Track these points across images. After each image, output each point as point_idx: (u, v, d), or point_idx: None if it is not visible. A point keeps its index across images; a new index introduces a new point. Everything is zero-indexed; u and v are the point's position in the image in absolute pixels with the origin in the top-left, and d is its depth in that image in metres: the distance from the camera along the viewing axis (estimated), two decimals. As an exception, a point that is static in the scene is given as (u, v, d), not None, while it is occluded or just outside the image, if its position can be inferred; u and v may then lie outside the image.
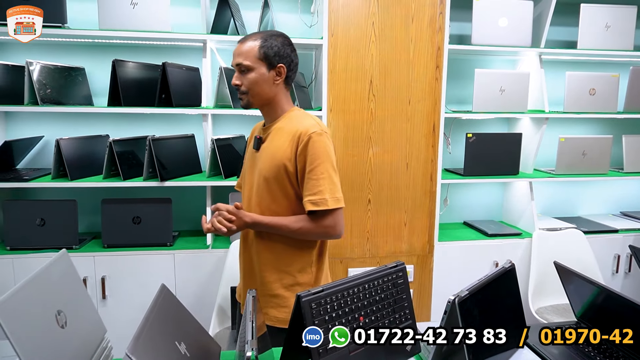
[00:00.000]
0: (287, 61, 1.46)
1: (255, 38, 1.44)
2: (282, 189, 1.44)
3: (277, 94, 1.48)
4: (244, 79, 1.44)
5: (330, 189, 1.38)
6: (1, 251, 2.26)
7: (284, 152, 1.41)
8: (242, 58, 1.43)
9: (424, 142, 2.53)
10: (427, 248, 2.61)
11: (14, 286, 0.95)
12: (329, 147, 1.42)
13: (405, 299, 1.23)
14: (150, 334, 0.99)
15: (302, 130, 1.39)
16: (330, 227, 1.41)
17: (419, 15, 2.43)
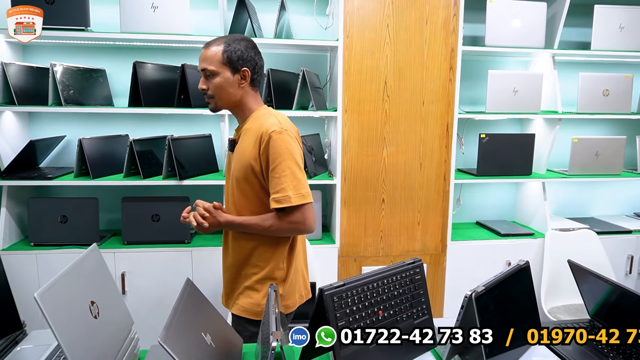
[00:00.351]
0: (252, 64, 1.49)
1: (219, 43, 1.48)
2: (252, 189, 1.48)
3: (243, 96, 1.51)
4: (209, 83, 1.48)
5: (293, 185, 1.40)
6: (26, 247, 2.33)
7: (250, 153, 1.45)
8: (207, 63, 1.47)
9: (437, 143, 2.56)
10: (440, 247, 2.64)
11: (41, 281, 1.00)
12: (290, 144, 1.43)
13: (422, 294, 1.27)
14: (179, 324, 1.04)
15: (263, 129, 1.42)
16: (299, 223, 1.44)
17: (433, 17, 2.46)
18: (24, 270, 2.26)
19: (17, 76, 2.30)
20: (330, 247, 2.50)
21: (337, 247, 2.52)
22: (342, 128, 2.46)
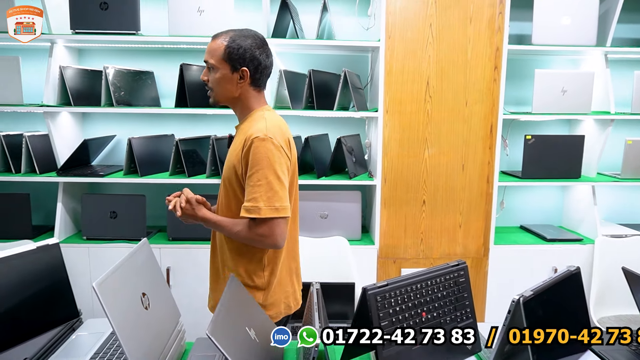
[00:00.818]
0: (254, 64, 1.41)
1: (224, 37, 1.42)
2: (234, 191, 1.43)
3: (242, 94, 1.44)
4: (210, 75, 1.45)
5: (267, 197, 1.32)
6: (79, 240, 2.45)
7: (236, 155, 1.40)
8: (209, 56, 1.43)
9: (480, 144, 2.50)
10: (482, 251, 2.58)
11: (93, 273, 1.05)
12: (272, 152, 1.33)
13: (466, 297, 1.25)
14: (226, 318, 1.07)
15: (249, 134, 1.36)
16: (265, 236, 1.34)
17: (477, 16, 2.41)
18: (77, 262, 2.38)
19: (73, 79, 2.43)
20: (369, 248, 2.49)
21: (376, 248, 2.50)
22: (382, 129, 2.45)
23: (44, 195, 2.66)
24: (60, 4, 2.42)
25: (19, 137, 2.43)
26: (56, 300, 1.26)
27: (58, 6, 2.41)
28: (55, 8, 2.39)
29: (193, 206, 1.42)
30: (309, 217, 2.48)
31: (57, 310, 1.26)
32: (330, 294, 2.22)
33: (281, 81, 2.42)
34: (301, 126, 2.76)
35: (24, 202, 2.44)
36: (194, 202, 1.42)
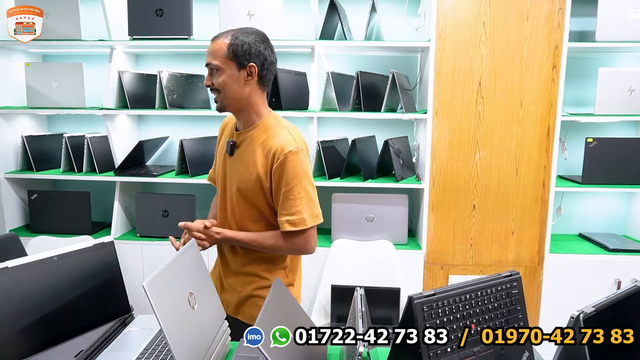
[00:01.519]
0: (260, 60, 1.36)
1: (225, 36, 1.36)
2: (256, 201, 1.40)
3: (250, 95, 1.38)
4: (214, 79, 1.36)
5: (309, 207, 1.36)
6: (133, 237, 2.56)
7: (259, 166, 1.36)
8: (212, 58, 1.36)
9: (536, 147, 2.38)
10: (536, 259, 2.45)
11: (145, 269, 1.08)
12: (306, 164, 1.36)
13: (519, 310, 1.18)
14: (270, 321, 1.07)
15: (277, 147, 1.33)
16: (301, 245, 1.38)
17: (535, 12, 2.29)
18: (131, 258, 2.49)
19: (130, 82, 2.54)
20: (416, 253, 2.44)
21: (423, 253, 2.44)
22: (432, 131, 2.38)
23: (102, 194, 2.81)
24: (119, 12, 2.54)
25: (81, 138, 2.58)
26: (110, 296, 1.31)
27: (117, 14, 2.53)
28: (115, 16, 2.51)
29: (208, 234, 1.40)
30: (355, 220, 2.46)
31: (111, 305, 1.31)
32: (375, 299, 2.19)
33: (328, 83, 2.41)
34: (348, 128, 2.75)
35: (85, 200, 2.58)
36: (205, 231, 1.40)
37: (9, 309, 1.08)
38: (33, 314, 1.12)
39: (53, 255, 1.18)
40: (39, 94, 2.52)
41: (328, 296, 2.27)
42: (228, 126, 1.54)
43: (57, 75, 2.50)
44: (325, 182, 2.43)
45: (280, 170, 1.33)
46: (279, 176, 1.34)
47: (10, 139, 2.64)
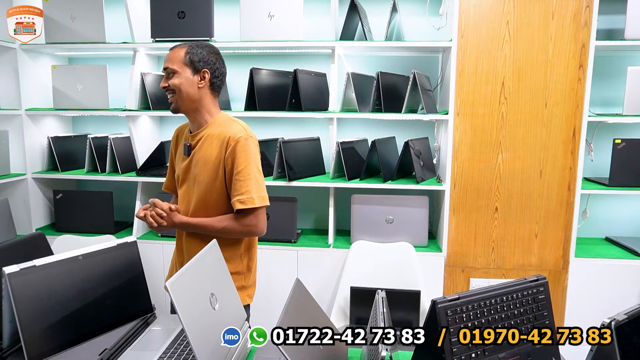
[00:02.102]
0: (212, 68, 1.55)
1: (182, 46, 1.54)
2: (218, 192, 1.53)
3: (202, 98, 1.54)
4: (170, 82, 1.53)
5: (256, 188, 1.49)
6: (154, 237, 2.59)
7: (216, 157, 1.51)
8: (169, 63, 1.52)
9: (561, 148, 2.32)
10: (561, 263, 2.40)
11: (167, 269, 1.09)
12: (255, 150, 1.53)
13: (546, 316, 1.15)
14: (290, 323, 1.06)
15: (230, 134, 1.50)
16: (252, 226, 1.52)
17: (560, 10, 2.24)
18: (152, 258, 2.52)
19: (153, 84, 2.57)
20: (437, 255, 2.40)
21: (443, 256, 2.41)
22: (453, 132, 2.35)
23: (124, 193, 2.85)
24: (142, 15, 2.58)
25: (104, 139, 2.62)
26: (133, 295, 1.33)
27: (141, 17, 2.56)
28: (138, 19, 2.55)
29: (170, 215, 1.51)
30: (375, 221, 2.44)
31: (134, 304, 1.33)
32: (395, 301, 2.16)
33: (349, 84, 2.40)
34: (368, 129, 2.73)
35: (108, 199, 2.62)
36: (169, 212, 1.51)
37: (37, 306, 1.10)
38: (59, 311, 1.14)
39: (79, 255, 1.20)
40: (65, 95, 2.57)
41: (347, 298, 2.26)
42: (181, 136, 1.68)
43: (82, 77, 2.55)
44: (344, 183, 2.42)
45: (232, 155, 1.49)
46: (232, 160, 1.49)
47: (37, 140, 2.70)
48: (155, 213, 1.50)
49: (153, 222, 1.50)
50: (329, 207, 2.52)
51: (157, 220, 1.50)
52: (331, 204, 2.51)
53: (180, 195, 1.63)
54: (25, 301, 1.08)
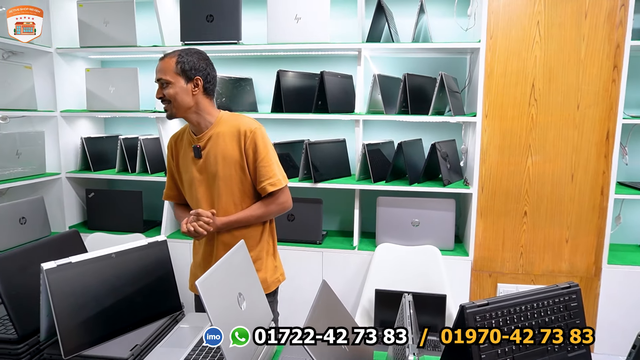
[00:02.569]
0: (204, 74, 1.58)
1: (172, 56, 1.57)
2: (242, 181, 1.61)
3: (198, 103, 1.58)
4: (164, 91, 1.56)
5: (279, 170, 1.62)
6: (182, 236, 2.64)
7: (234, 151, 1.59)
8: (162, 74, 1.55)
9: (594, 151, 2.26)
10: (592, 270, 2.33)
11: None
12: (267, 137, 1.63)
13: (578, 324, 1.12)
14: (317, 325, 1.07)
15: (244, 128, 1.58)
16: (284, 202, 1.64)
17: (594, 10, 2.18)
18: (179, 257, 2.56)
19: (182, 86, 2.62)
20: (463, 260, 2.37)
21: (470, 260, 2.37)
22: (481, 134, 2.31)
23: (153, 193, 2.91)
24: (172, 18, 2.63)
25: (135, 140, 2.69)
26: (163, 293, 1.36)
27: (170, 21, 2.62)
28: (168, 23, 2.60)
29: (214, 220, 1.57)
30: (400, 224, 2.43)
31: (164, 301, 1.36)
32: (420, 305, 2.14)
33: (375, 86, 2.40)
34: (394, 131, 2.72)
35: (137, 199, 2.69)
36: (214, 218, 1.57)
37: (72, 302, 1.14)
38: (93, 307, 1.18)
39: (112, 253, 1.23)
40: (98, 97, 2.65)
41: (372, 300, 2.25)
42: (179, 143, 1.71)
43: (114, 79, 2.63)
44: (370, 185, 2.42)
45: (253, 145, 1.58)
46: (253, 150, 1.59)
47: (72, 141, 2.79)
48: (202, 222, 1.54)
49: (203, 231, 1.53)
50: (355, 209, 2.51)
51: (206, 228, 1.54)
52: (357, 206, 2.51)
53: (200, 196, 1.65)
54: (61, 296, 1.12)
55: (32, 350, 1.19)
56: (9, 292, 1.19)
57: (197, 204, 1.66)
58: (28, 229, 2.50)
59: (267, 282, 1.69)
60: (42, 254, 1.29)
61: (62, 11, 2.69)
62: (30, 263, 1.25)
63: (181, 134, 1.72)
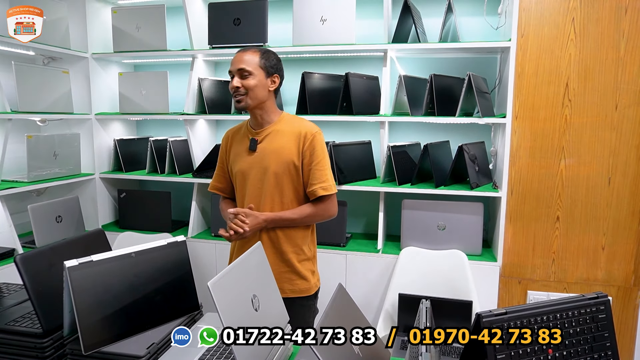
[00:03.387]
0: (281, 74, 1.68)
1: (254, 51, 1.63)
2: (290, 182, 1.64)
3: (269, 99, 1.65)
4: (244, 82, 1.60)
5: (331, 177, 1.66)
6: (208, 237, 2.69)
7: (290, 150, 1.62)
8: (245, 64, 1.60)
9: (634, 154, 2.14)
10: (631, 280, 2.20)
11: (218, 267, 1.12)
12: (324, 143, 1.67)
13: (607, 337, 1.06)
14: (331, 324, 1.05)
15: (306, 130, 1.63)
16: (330, 209, 1.67)
17: (635, 4, 2.07)
18: (205, 257, 2.61)
19: (209, 89, 2.67)
20: (491, 265, 2.30)
21: (498, 266, 2.30)
22: (511, 136, 2.24)
23: (181, 194, 2.98)
24: (200, 23, 2.68)
25: (164, 142, 2.76)
26: (181, 293, 1.38)
27: (199, 25, 2.67)
28: (197, 27, 2.66)
29: (253, 214, 1.59)
30: (426, 227, 2.38)
31: (182, 301, 1.37)
32: (446, 311, 2.09)
33: (401, 87, 2.36)
34: (420, 133, 2.67)
35: (166, 199, 2.75)
36: (251, 212, 1.59)
37: (93, 299, 1.17)
38: (113, 304, 1.21)
39: (131, 252, 1.26)
40: (130, 100, 2.74)
41: (395, 304, 2.21)
42: (236, 137, 1.75)
43: (145, 83, 2.70)
44: (395, 188, 2.38)
45: (311, 148, 1.62)
46: (311, 153, 1.63)
47: (105, 142, 2.89)
48: (238, 220, 1.57)
49: (239, 229, 1.56)
50: (379, 211, 2.48)
51: (241, 225, 1.56)
52: (381, 209, 2.48)
53: (247, 190, 1.68)
54: (82, 293, 1.15)
55: (56, 345, 1.23)
56: (36, 289, 1.23)
57: (243, 197, 1.69)
58: (64, 227, 2.61)
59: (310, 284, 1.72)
60: (68, 252, 1.33)
61: (97, 18, 2.80)
62: (56, 261, 1.30)
63: (240, 128, 1.77)
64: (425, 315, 1.18)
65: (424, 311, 1.19)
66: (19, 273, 1.21)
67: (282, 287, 1.65)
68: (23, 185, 2.38)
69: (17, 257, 1.21)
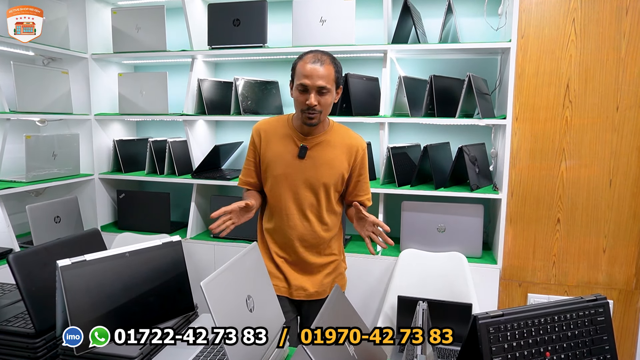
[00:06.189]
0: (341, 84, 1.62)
1: (329, 62, 1.53)
2: (335, 192, 1.67)
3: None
4: (322, 99, 1.52)
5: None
6: (206, 238, 2.67)
7: (341, 163, 1.63)
8: (325, 81, 1.50)
9: (635, 156, 2.12)
10: (633, 283, 2.18)
11: (217, 269, 1.11)
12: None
13: (605, 340, 1.04)
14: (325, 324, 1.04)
15: (357, 144, 1.66)
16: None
17: (636, 4, 2.06)
18: (203, 257, 2.60)
19: (209, 90, 2.67)
20: (491, 268, 2.28)
21: (498, 268, 2.28)
22: (511, 137, 2.22)
23: (181, 195, 2.97)
24: (200, 23, 2.68)
25: (163, 142, 2.75)
26: (176, 293, 1.37)
27: (198, 26, 2.67)
28: (196, 28, 2.65)
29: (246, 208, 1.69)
30: (425, 229, 2.36)
31: (177, 302, 1.36)
32: (445, 313, 2.07)
33: (400, 88, 2.35)
34: (420, 134, 2.65)
35: (165, 200, 2.74)
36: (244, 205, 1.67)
37: (86, 299, 1.16)
38: (106, 304, 1.20)
39: (125, 252, 1.25)
40: (129, 101, 2.73)
41: (394, 307, 2.19)
42: (270, 133, 1.67)
43: (144, 84, 2.70)
44: (394, 189, 2.36)
45: (361, 163, 1.68)
46: (360, 166, 1.68)
47: (105, 143, 2.89)
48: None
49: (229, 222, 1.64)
50: (379, 213, 2.47)
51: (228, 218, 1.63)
52: (380, 210, 2.46)
53: (289, 192, 1.65)
54: (75, 293, 1.14)
55: (48, 345, 1.21)
56: (29, 288, 1.22)
57: (280, 199, 1.66)
58: (62, 227, 2.60)
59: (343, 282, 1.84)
60: (63, 252, 1.32)
61: (97, 19, 2.80)
62: (50, 260, 1.29)
63: (276, 126, 1.67)
64: (421, 317, 1.16)
65: (421, 313, 1.18)
66: (12, 272, 1.20)
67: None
68: (21, 186, 2.37)
69: (9, 256, 1.20)
